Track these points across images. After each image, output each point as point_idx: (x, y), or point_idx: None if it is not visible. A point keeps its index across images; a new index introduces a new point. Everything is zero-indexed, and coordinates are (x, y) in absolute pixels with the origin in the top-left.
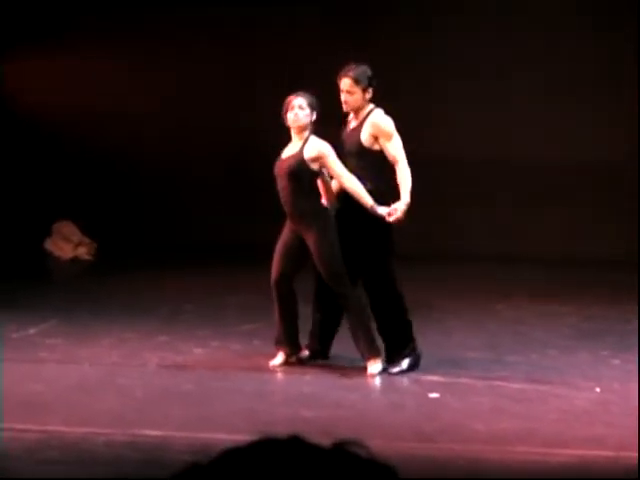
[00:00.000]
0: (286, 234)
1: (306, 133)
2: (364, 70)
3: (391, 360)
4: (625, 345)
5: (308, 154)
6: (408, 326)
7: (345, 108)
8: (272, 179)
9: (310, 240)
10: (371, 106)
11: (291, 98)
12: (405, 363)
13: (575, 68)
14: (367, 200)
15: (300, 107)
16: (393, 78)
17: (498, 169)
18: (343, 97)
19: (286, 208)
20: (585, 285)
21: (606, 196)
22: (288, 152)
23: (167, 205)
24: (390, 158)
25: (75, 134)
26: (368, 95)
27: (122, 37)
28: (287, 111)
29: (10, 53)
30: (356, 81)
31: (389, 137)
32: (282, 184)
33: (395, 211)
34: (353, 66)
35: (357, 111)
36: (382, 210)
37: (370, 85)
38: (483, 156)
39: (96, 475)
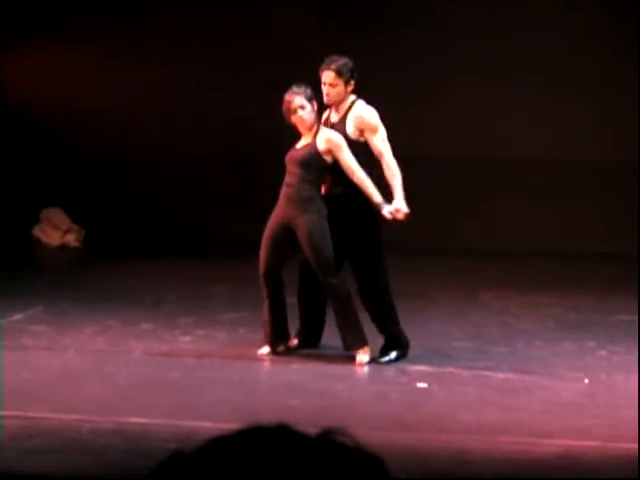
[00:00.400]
0: (273, 226)
1: (314, 127)
2: (346, 62)
3: (380, 350)
4: (611, 336)
5: (322, 146)
6: (395, 315)
7: (327, 101)
8: (259, 175)
9: (302, 225)
10: (352, 97)
11: (290, 99)
12: (394, 353)
13: (574, 66)
14: (376, 197)
15: (301, 107)
16: (392, 78)
17: (489, 166)
18: (325, 89)
19: (288, 191)
20: (571, 277)
21: (598, 192)
22: (302, 143)
23: (156, 195)
24: (376, 152)
25: (66, 124)
26: (350, 88)
27: (116, 31)
28: (289, 112)
29: (2, 46)
30: (339, 73)
31: (374, 130)
32: (293, 169)
33: (398, 211)
34: (335, 58)
35: (338, 104)
36: (387, 209)
37: (352, 77)
38: (475, 153)
39: (81, 463)
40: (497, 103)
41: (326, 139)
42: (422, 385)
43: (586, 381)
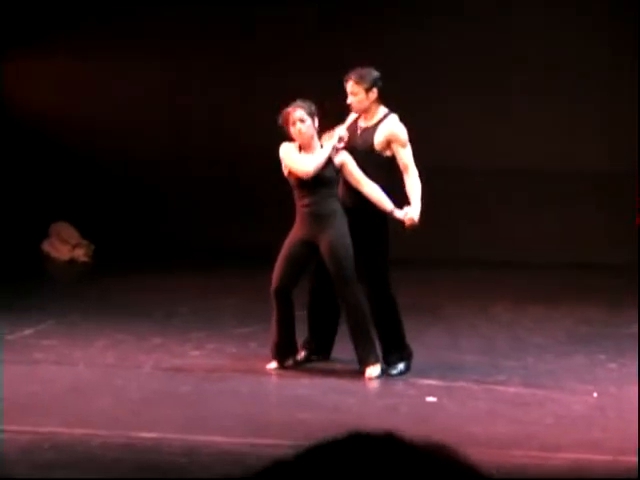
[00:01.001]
0: (292, 244)
1: (314, 142)
2: (368, 71)
3: (388, 362)
4: (621, 349)
5: (337, 161)
6: (402, 328)
7: (354, 110)
8: (267, 188)
9: (327, 239)
10: (385, 110)
11: (289, 111)
12: (402, 365)
13: (576, 77)
14: (387, 205)
15: (301, 120)
16: (392, 79)
17: (498, 177)
18: (349, 99)
19: (309, 210)
20: (582, 290)
21: (605, 203)
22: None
23: (164, 209)
24: (401, 165)
25: (74, 137)
26: (372, 95)
27: (122, 43)
28: (288, 124)
29: (10, 56)
30: (357, 82)
31: (404, 145)
32: (311, 188)
33: (411, 218)
34: (358, 68)
35: (367, 112)
36: (400, 213)
37: (374, 85)
38: (482, 165)
39: (91, 477)
40: (498, 113)
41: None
42: (431, 399)
43: (595, 395)
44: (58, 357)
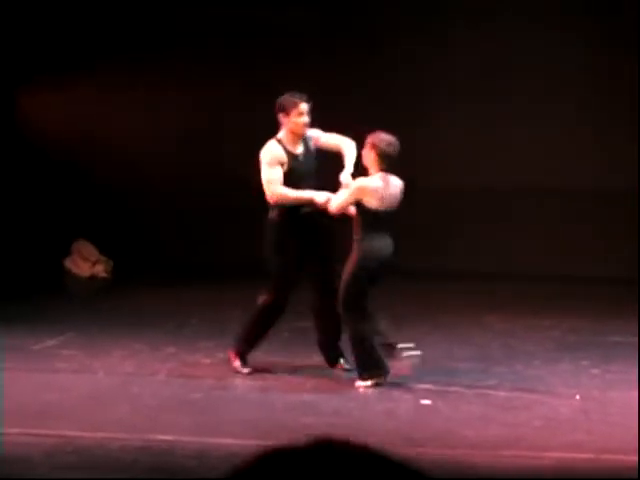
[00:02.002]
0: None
1: None
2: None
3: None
4: (604, 356)
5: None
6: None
7: (306, 129)
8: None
9: (349, 263)
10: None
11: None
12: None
13: (573, 94)
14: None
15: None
16: (392, 81)
17: (488, 193)
18: (307, 119)
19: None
20: (571, 301)
21: (594, 217)
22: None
23: (176, 229)
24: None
25: (92, 163)
26: None
27: (135, 74)
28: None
29: (28, 87)
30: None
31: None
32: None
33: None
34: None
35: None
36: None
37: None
38: (474, 182)
39: (110, 478)
40: (495, 131)
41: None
42: (426, 403)
43: (577, 397)
44: (79, 366)
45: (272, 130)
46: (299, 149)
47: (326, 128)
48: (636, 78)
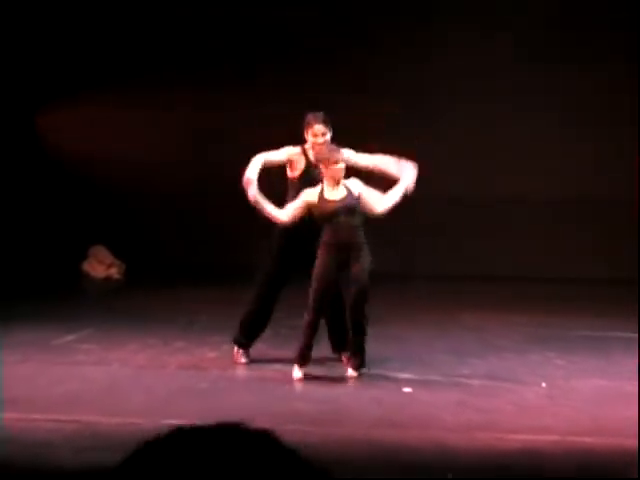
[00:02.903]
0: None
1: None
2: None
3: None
4: (568, 348)
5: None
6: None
7: (322, 151)
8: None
9: (360, 264)
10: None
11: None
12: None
13: (570, 105)
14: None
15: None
16: (392, 81)
17: (468, 200)
18: (321, 140)
19: (347, 239)
20: (540, 299)
21: (562, 221)
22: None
23: (186, 234)
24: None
25: (107, 176)
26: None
27: (147, 93)
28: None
29: (47, 107)
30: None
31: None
32: (345, 219)
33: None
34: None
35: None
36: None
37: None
38: (450, 190)
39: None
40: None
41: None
42: (408, 390)
43: (543, 385)
44: (96, 359)
45: (271, 130)
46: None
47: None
48: (635, 84)
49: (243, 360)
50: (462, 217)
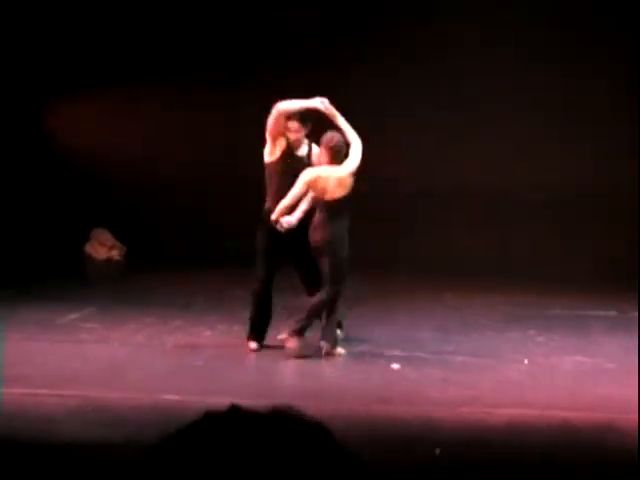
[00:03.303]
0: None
1: None
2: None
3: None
4: (547, 326)
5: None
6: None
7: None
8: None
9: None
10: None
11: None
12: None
13: (557, 99)
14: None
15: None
16: (391, 81)
17: (453, 191)
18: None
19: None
20: (517, 281)
21: (538, 211)
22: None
23: (185, 218)
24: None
25: (109, 165)
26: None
27: (150, 88)
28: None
29: (54, 101)
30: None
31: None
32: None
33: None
34: None
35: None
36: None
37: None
38: (439, 181)
39: (126, 433)
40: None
41: None
42: (396, 366)
43: (525, 362)
44: (98, 337)
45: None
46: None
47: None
48: (621, 79)
49: (253, 346)
50: (461, 209)
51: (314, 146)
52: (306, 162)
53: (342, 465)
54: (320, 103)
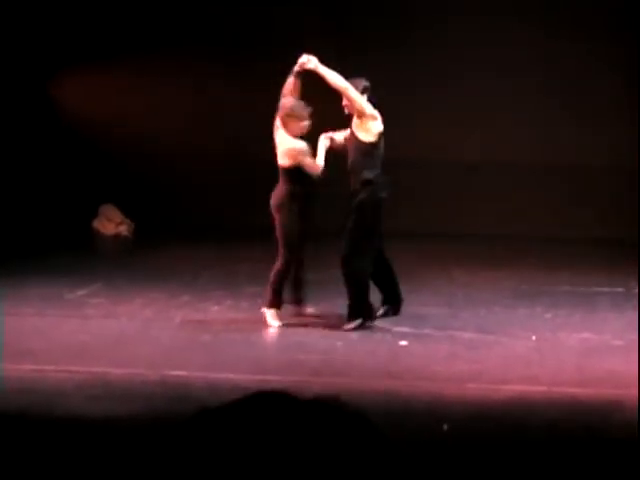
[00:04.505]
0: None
1: None
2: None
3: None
4: (555, 302)
5: None
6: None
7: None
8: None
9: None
10: None
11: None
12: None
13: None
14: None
15: None
16: (390, 79)
17: (459, 167)
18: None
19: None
20: (523, 257)
21: (548, 185)
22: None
23: (191, 195)
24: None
25: (118, 140)
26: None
27: (157, 63)
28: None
29: (62, 73)
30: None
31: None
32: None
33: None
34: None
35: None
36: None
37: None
38: (449, 156)
39: (133, 407)
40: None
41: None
42: (403, 343)
43: (533, 338)
44: (106, 312)
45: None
46: None
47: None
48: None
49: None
50: (467, 184)
51: None
52: None
53: (383, 452)
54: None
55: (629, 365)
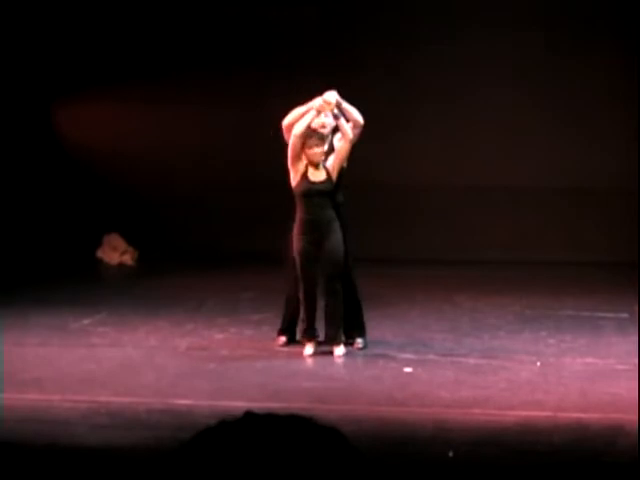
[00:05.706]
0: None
1: None
2: None
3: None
4: (559, 327)
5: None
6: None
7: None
8: (276, 199)
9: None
10: None
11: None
12: (362, 340)
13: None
14: None
15: None
16: (390, 79)
17: (457, 190)
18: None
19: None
20: (527, 282)
21: (550, 209)
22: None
23: (194, 223)
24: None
25: (121, 169)
26: None
27: (159, 90)
28: None
29: (62, 101)
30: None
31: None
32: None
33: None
34: None
35: None
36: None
37: None
38: (449, 181)
39: (138, 436)
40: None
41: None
42: (408, 370)
43: (538, 364)
44: (111, 341)
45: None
46: None
47: None
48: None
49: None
50: (466, 204)
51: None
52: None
53: (356, 468)
54: (323, 101)
55: (634, 390)
